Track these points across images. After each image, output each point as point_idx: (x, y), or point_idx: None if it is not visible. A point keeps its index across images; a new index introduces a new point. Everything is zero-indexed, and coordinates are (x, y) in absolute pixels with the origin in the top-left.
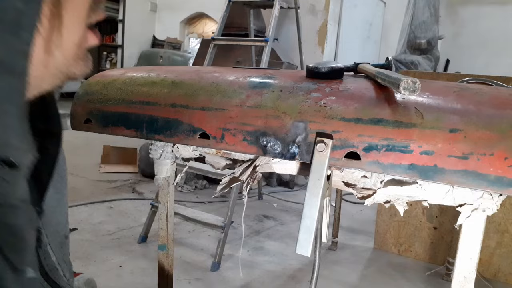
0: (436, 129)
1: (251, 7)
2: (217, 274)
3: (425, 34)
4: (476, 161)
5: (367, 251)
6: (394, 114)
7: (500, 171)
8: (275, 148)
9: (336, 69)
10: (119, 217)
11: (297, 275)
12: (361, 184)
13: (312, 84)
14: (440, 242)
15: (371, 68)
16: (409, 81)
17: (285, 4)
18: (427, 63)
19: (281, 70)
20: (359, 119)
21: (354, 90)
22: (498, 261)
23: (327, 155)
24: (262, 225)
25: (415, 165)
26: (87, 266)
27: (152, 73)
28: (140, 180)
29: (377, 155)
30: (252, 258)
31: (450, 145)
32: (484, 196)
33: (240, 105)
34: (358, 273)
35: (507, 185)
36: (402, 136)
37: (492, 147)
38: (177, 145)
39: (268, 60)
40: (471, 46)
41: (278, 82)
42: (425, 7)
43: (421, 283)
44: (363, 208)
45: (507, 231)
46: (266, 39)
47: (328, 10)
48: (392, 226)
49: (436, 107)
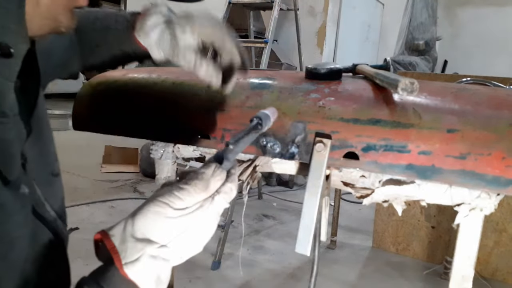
0: (433, 129)
1: (250, 9)
2: (217, 272)
3: (423, 35)
4: (473, 161)
5: (365, 250)
6: (392, 114)
7: (498, 171)
8: (275, 148)
9: (335, 70)
10: (121, 216)
11: (296, 273)
12: (360, 184)
13: (311, 85)
14: (438, 241)
15: (369, 69)
16: (407, 82)
17: (284, 5)
18: (425, 64)
19: (281, 71)
20: (357, 120)
21: (352, 91)
22: (496, 260)
23: (325, 155)
24: (262, 224)
25: (413, 165)
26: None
27: (153, 74)
28: (141, 180)
29: (376, 155)
30: (252, 256)
31: (448, 145)
32: (481, 196)
33: (240, 106)
34: (357, 272)
35: (504, 184)
36: (400, 136)
37: (489, 147)
38: (177, 145)
39: (267, 61)
40: (468, 47)
41: (277, 83)
42: (423, 8)
43: (419, 282)
44: (361, 208)
45: (505, 230)
46: (266, 40)
47: (327, 11)
48: (391, 225)
49: (434, 108)
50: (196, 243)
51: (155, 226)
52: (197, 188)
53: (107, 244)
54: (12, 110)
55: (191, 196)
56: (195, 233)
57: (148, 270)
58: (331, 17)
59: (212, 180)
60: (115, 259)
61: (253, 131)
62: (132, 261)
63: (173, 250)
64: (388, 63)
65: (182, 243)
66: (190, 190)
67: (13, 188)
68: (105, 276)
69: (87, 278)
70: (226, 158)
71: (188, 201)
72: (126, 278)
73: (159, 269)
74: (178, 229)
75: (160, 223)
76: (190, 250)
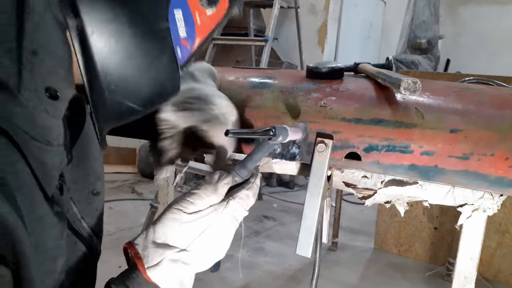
0: (436, 129)
1: (251, 7)
2: (217, 274)
3: (425, 34)
4: (476, 162)
5: (367, 251)
6: (395, 114)
7: (501, 172)
8: (275, 149)
9: (336, 69)
10: (119, 217)
11: (297, 275)
12: (362, 184)
13: (312, 84)
14: (441, 243)
15: (371, 68)
16: (410, 81)
17: (285, 3)
18: (428, 62)
19: (281, 70)
20: (359, 120)
21: (354, 90)
22: (498, 262)
23: (327, 156)
24: (262, 225)
25: (416, 165)
26: None
27: None
28: (139, 181)
29: (378, 155)
30: (252, 258)
31: (451, 145)
32: (484, 196)
33: (240, 106)
34: (359, 274)
35: (507, 185)
36: (402, 137)
37: (492, 147)
38: None
39: (268, 59)
40: (471, 45)
41: (278, 82)
42: (425, 6)
43: (421, 284)
44: (363, 209)
45: (508, 231)
46: (266, 38)
47: (328, 9)
48: (393, 226)
49: (437, 107)
50: (215, 248)
51: (172, 232)
52: (207, 191)
53: (131, 252)
54: (57, 140)
55: (202, 199)
56: (213, 237)
57: (170, 273)
58: (332, 15)
59: (220, 184)
60: (138, 264)
61: (264, 136)
62: (153, 265)
63: (193, 254)
64: (391, 62)
65: (201, 247)
66: (200, 193)
67: (51, 203)
68: (130, 278)
69: (115, 279)
70: (244, 167)
71: (200, 204)
72: (149, 281)
73: (181, 273)
74: (194, 233)
75: (176, 228)
76: (210, 254)
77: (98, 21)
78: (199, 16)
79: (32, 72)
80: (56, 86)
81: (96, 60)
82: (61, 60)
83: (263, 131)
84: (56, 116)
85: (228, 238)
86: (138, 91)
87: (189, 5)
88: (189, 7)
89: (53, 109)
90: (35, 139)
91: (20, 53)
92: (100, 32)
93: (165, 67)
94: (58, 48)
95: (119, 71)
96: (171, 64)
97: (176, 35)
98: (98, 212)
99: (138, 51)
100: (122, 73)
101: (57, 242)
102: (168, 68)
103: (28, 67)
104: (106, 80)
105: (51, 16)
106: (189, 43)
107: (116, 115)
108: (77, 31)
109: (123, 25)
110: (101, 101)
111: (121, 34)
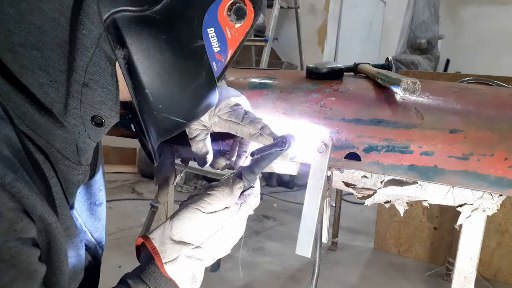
0: (436, 129)
1: None
2: (216, 274)
3: (425, 34)
4: (476, 162)
5: (367, 251)
6: (394, 114)
7: (500, 172)
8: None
9: (336, 70)
10: (119, 217)
11: (297, 275)
12: (361, 184)
13: (312, 84)
14: (440, 242)
15: (371, 68)
16: (409, 82)
17: (285, 3)
18: (427, 63)
19: (281, 71)
20: (359, 120)
21: (354, 90)
22: (498, 261)
23: (327, 156)
24: (262, 225)
25: (415, 165)
26: None
27: None
28: (139, 180)
29: (377, 155)
30: (252, 258)
31: (450, 145)
32: (484, 196)
33: None
34: (358, 274)
35: (507, 185)
36: (402, 137)
37: (492, 147)
38: (176, 146)
39: (267, 60)
40: (471, 46)
41: (278, 82)
42: (425, 7)
43: (421, 284)
44: (363, 208)
45: (507, 231)
46: (266, 38)
47: (328, 10)
48: (392, 226)
49: (436, 108)
50: (226, 245)
51: (190, 230)
52: (224, 193)
53: (148, 246)
54: (87, 161)
55: (219, 200)
56: (225, 236)
57: (185, 268)
58: (332, 15)
59: (234, 187)
60: (156, 259)
61: (276, 147)
62: (171, 260)
63: (207, 251)
64: (390, 62)
65: (214, 244)
66: (218, 195)
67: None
68: (147, 273)
69: (130, 273)
70: (252, 172)
71: (217, 205)
72: (165, 276)
73: (194, 268)
74: (209, 232)
75: (194, 226)
76: (220, 251)
77: (142, 49)
78: (229, 30)
79: (82, 102)
80: (102, 114)
81: (144, 83)
82: (110, 92)
83: (279, 145)
84: (95, 140)
85: (238, 237)
86: (181, 106)
87: (220, 23)
88: (220, 25)
89: (95, 134)
90: (66, 158)
91: (68, 84)
92: (145, 58)
93: (203, 81)
94: (107, 80)
95: (164, 90)
96: (208, 79)
97: (211, 51)
98: (101, 223)
99: (179, 70)
100: (166, 91)
101: (78, 251)
102: (205, 82)
103: (78, 97)
104: (154, 100)
105: (102, 51)
106: (222, 56)
107: (164, 130)
108: (125, 60)
109: (164, 50)
110: (151, 119)
111: (163, 57)
